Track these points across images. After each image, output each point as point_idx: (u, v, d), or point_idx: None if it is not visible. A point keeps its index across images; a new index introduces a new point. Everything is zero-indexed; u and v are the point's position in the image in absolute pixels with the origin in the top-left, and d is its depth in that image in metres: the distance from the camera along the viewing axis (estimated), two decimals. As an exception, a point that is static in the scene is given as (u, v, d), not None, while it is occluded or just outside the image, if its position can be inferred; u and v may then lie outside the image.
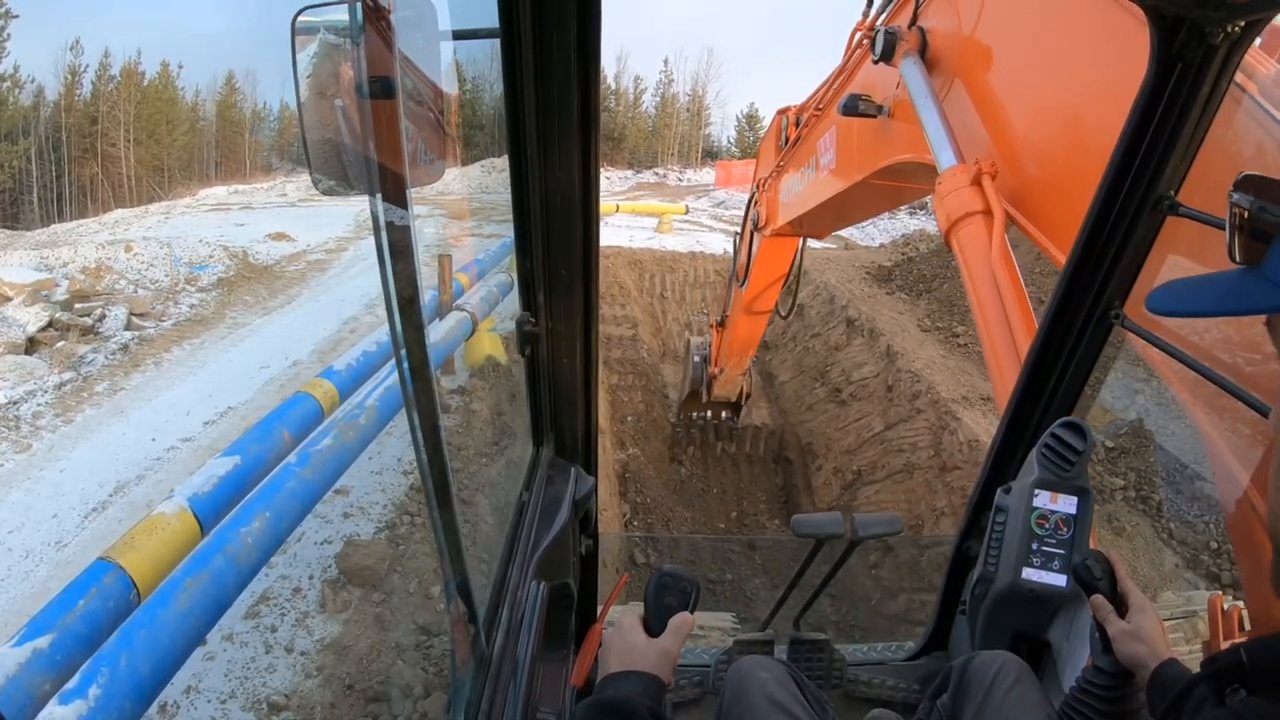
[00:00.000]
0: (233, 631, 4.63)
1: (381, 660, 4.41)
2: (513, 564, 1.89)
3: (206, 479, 4.08)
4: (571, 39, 1.57)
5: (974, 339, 11.58)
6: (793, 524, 2.67)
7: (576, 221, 1.86)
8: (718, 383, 10.20)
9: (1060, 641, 2.34)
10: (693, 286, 17.55)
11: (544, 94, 1.64)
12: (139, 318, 11.74)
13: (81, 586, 3.18)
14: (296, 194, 35.21)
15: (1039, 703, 1.86)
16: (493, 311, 8.14)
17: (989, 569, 2.41)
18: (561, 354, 2.12)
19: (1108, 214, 2.09)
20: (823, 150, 5.58)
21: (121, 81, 47.30)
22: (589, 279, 1.98)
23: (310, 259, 17.13)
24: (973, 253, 2.92)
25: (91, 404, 8.79)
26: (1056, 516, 2.30)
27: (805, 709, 1.89)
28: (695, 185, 43.42)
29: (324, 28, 0.90)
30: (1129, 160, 2.00)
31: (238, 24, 77.45)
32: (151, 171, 47.23)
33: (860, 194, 5.17)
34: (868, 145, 4.71)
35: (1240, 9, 1.66)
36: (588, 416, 2.32)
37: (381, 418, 5.09)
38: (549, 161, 1.75)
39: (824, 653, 2.89)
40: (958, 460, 8.53)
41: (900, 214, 26.26)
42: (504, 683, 1.58)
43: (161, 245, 14.74)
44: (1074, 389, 2.40)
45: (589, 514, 2.48)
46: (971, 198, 2.99)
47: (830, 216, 6.39)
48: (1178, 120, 1.89)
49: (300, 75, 0.93)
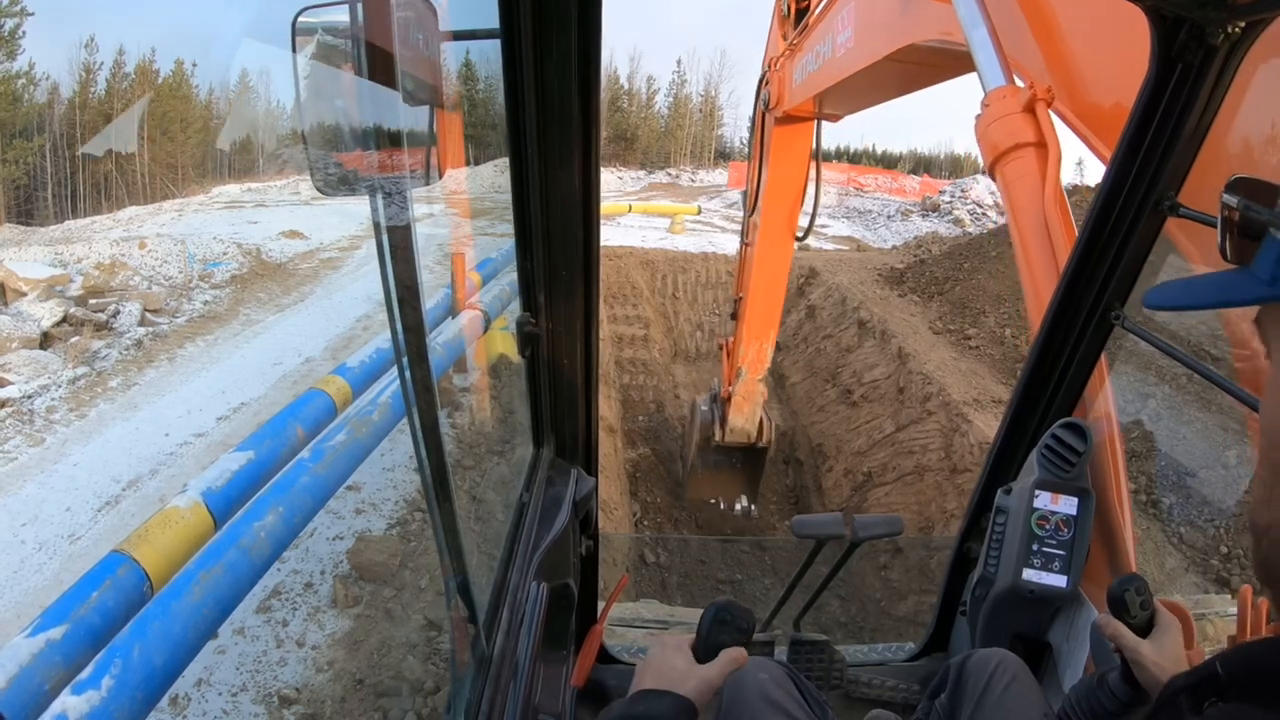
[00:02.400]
0: (244, 625, 4.66)
1: (392, 655, 4.42)
2: (513, 564, 1.90)
3: (220, 473, 4.11)
4: (572, 40, 1.57)
5: (985, 341, 11.56)
6: (793, 524, 2.67)
7: (577, 222, 1.86)
8: (733, 404, 8.94)
9: (1060, 642, 2.35)
10: (705, 287, 17.53)
11: (544, 95, 1.65)
12: (152, 314, 11.78)
13: (95, 579, 3.20)
14: (310, 192, 35.29)
15: (1036, 700, 1.86)
16: (505, 310, 8.14)
17: (989, 570, 2.42)
18: (562, 355, 2.13)
19: (1108, 214, 2.09)
20: (840, 27, 5.26)
21: (136, 79, 47.45)
22: (589, 280, 1.98)
23: (323, 257, 17.17)
24: (1021, 191, 2.67)
25: (105, 399, 8.83)
26: (1057, 517, 2.29)
27: (804, 710, 1.89)
28: (708, 186, 43.49)
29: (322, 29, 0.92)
30: (1129, 161, 1.99)
31: (251, 22, 77.64)
32: (165, 169, 47.35)
33: (880, 74, 4.83)
34: (889, 22, 4.39)
35: (1241, 10, 1.66)
36: (588, 417, 2.32)
37: (394, 414, 5.10)
38: (549, 162, 1.75)
39: (824, 653, 2.89)
40: (969, 463, 8.50)
41: (913, 216, 26.26)
42: (504, 683, 1.59)
43: (175, 242, 14.79)
44: (1075, 389, 2.39)
45: (589, 515, 2.48)
46: (1023, 126, 2.68)
47: (849, 96, 6.05)
48: (1178, 121, 1.89)
49: (300, 75, 0.94)
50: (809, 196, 7.17)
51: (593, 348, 2.13)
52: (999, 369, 10.71)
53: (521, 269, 1.98)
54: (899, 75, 4.94)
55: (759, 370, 8.68)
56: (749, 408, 8.93)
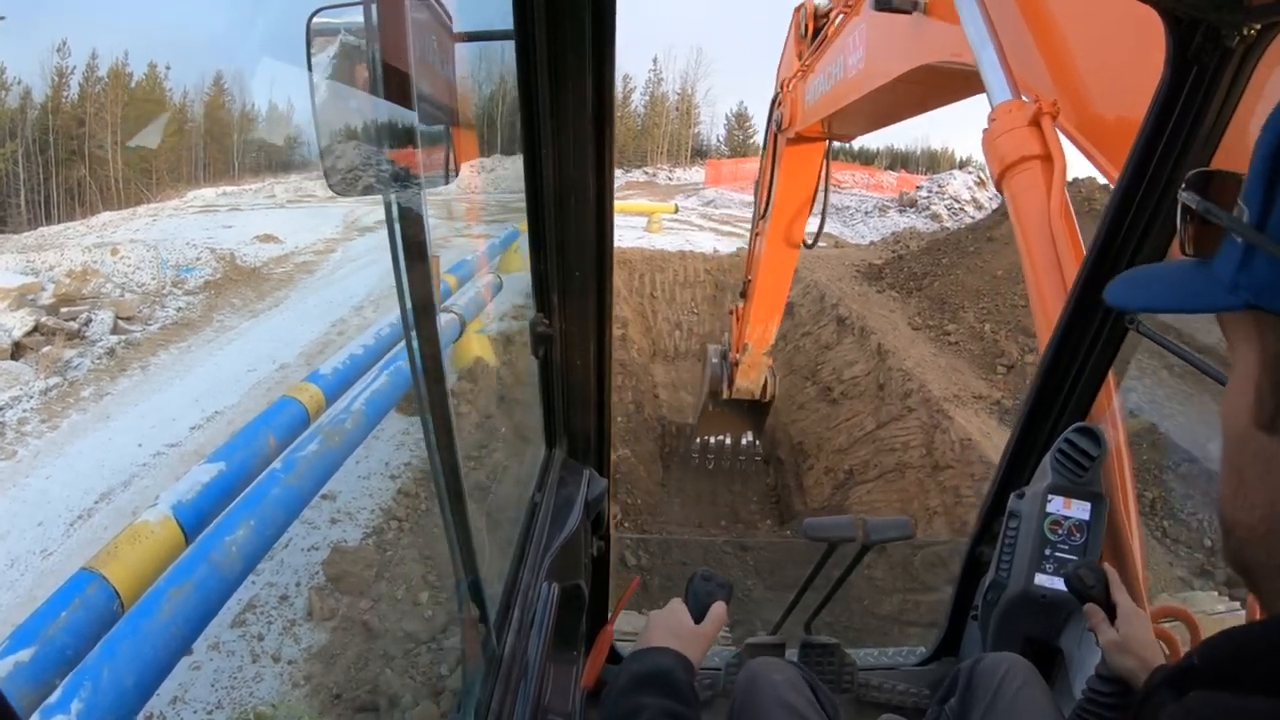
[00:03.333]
0: (219, 640, 4.59)
1: (369, 669, 4.37)
2: (524, 564, 1.90)
3: (191, 486, 4.04)
4: (586, 41, 1.58)
5: (965, 337, 11.59)
6: (805, 527, 2.65)
7: (590, 222, 1.88)
8: (740, 370, 9.66)
9: (1072, 648, 2.33)
10: (683, 286, 17.50)
11: (558, 94, 1.66)
12: (125, 321, 11.67)
13: (64, 597, 3.14)
14: (285, 195, 35.13)
15: (1046, 705, 1.86)
16: (481, 313, 8.09)
17: (1001, 574, 2.42)
18: (575, 355, 2.14)
19: (1123, 216, 2.08)
20: (851, 49, 5.34)
21: (109, 83, 47.13)
22: (603, 280, 2.00)
23: (298, 261, 17.04)
24: (1027, 203, 2.70)
25: (77, 409, 8.73)
26: (1070, 522, 2.30)
27: (818, 712, 1.88)
28: (685, 184, 43.47)
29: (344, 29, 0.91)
30: (1145, 163, 1.99)
31: (227, 25, 77.30)
32: (139, 173, 47.05)
33: (890, 95, 4.91)
34: (900, 44, 4.46)
35: (1257, 12, 1.66)
36: (601, 418, 2.33)
37: (368, 422, 5.04)
38: (563, 162, 1.76)
39: (834, 657, 2.89)
40: (949, 459, 8.51)
41: (890, 211, 26.35)
42: (514, 683, 1.60)
43: (148, 248, 14.66)
44: (1088, 394, 2.40)
45: (601, 515, 2.49)
46: (1029, 140, 2.73)
47: (859, 118, 6.17)
48: (1194, 123, 1.89)
49: (316, 75, 0.93)
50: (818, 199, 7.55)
51: (606, 348, 2.15)
52: (978, 364, 10.74)
53: (535, 269, 2.00)
54: (910, 96, 5.03)
55: (764, 346, 9.35)
56: (755, 374, 9.68)
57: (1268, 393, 0.68)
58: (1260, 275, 0.66)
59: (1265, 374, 0.68)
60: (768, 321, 9.07)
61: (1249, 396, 0.70)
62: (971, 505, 7.75)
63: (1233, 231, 0.70)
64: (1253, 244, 0.67)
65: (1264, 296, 0.66)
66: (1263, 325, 0.69)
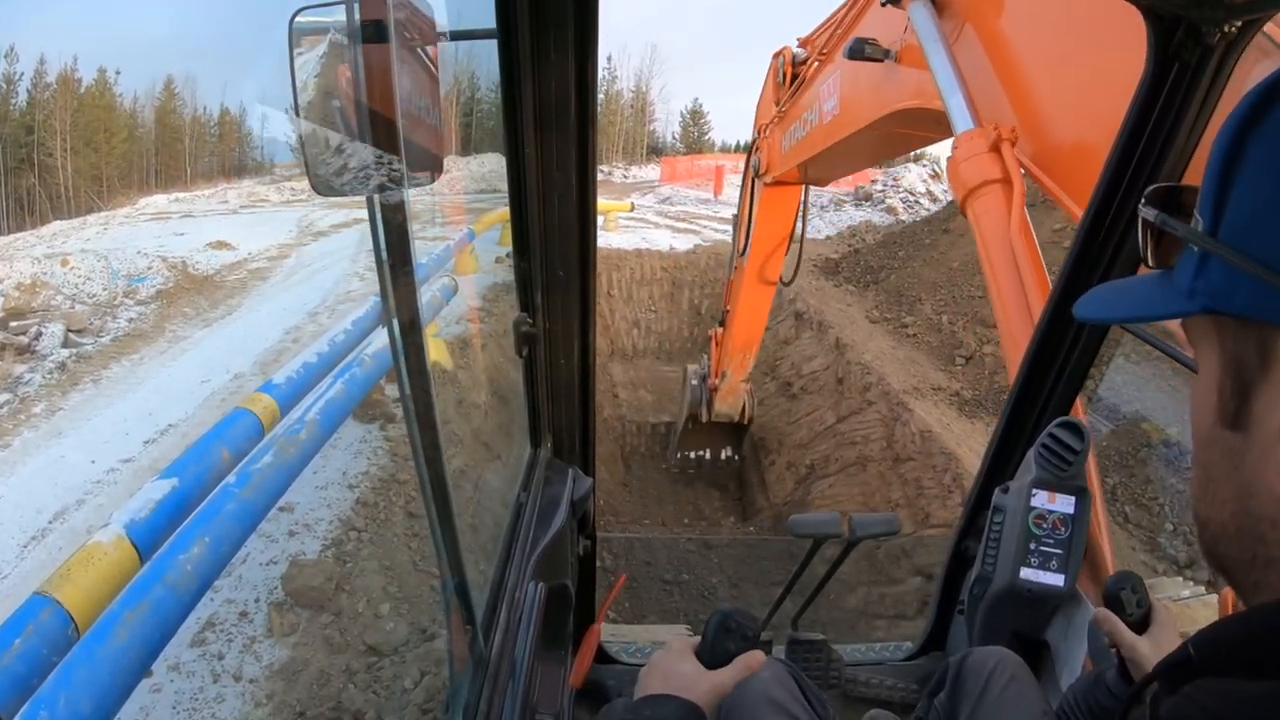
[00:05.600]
0: (179, 661, 4.52)
1: (332, 685, 4.32)
2: (510, 565, 1.90)
3: (143, 504, 3.96)
4: (569, 41, 1.60)
5: (923, 329, 11.68)
6: (790, 524, 2.66)
7: (574, 222, 1.90)
8: (718, 395, 9.95)
9: (1058, 641, 2.37)
10: (640, 284, 17.49)
11: (541, 95, 1.67)
12: (76, 334, 11.46)
13: (17, 624, 3.06)
14: (238, 200, 34.76)
15: (1035, 699, 1.87)
16: (436, 316, 8.03)
17: (987, 569, 2.45)
18: (559, 355, 2.16)
19: (1104, 213, 2.12)
20: (825, 96, 5.49)
21: (58, 89, 46.45)
22: (586, 279, 2.03)
23: (251, 267, 16.81)
24: (989, 224, 2.83)
25: (29, 426, 8.56)
26: (1054, 516, 2.33)
27: (805, 709, 1.87)
28: (641, 182, 43.48)
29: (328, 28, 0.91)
30: (1126, 160, 2.03)
31: (179, 28, 76.30)
32: (89, 181, 46.42)
33: (864, 141, 5.06)
34: (873, 91, 4.61)
35: (1237, 9, 1.68)
36: (585, 417, 2.35)
37: (324, 431, 4.97)
38: (547, 162, 1.78)
39: (822, 653, 2.94)
40: (911, 452, 8.57)
41: (846, 206, 26.45)
42: (502, 683, 1.60)
43: (99, 257, 14.41)
44: (1071, 388, 2.44)
45: (587, 514, 2.51)
46: (989, 165, 2.87)
47: (833, 163, 6.35)
48: (1175, 120, 1.92)
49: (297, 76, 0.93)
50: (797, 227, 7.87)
51: (590, 348, 2.17)
52: (937, 356, 10.83)
53: (519, 269, 2.02)
54: (885, 141, 5.18)
55: (742, 374, 9.73)
56: (733, 399, 10.03)
57: (1230, 392, 0.70)
58: (1215, 280, 0.69)
59: (1226, 375, 0.71)
60: (745, 351, 9.39)
61: (1213, 397, 0.73)
62: (933, 497, 7.81)
63: (1188, 240, 0.73)
64: (1207, 251, 0.70)
65: (1220, 300, 0.69)
66: (1221, 328, 0.72)
